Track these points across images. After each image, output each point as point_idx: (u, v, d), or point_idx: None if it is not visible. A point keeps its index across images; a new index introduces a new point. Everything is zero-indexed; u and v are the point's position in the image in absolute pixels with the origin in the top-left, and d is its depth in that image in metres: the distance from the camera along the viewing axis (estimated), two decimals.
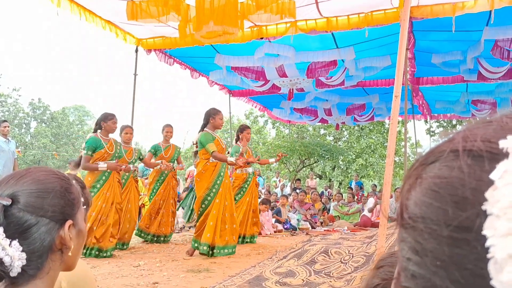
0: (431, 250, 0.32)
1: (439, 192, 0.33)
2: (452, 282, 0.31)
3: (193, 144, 5.86)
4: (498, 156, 0.32)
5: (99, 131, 5.41)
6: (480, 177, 0.31)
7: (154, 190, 6.61)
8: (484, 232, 0.30)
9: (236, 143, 6.74)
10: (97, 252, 5.14)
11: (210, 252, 5.24)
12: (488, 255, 0.29)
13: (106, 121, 5.39)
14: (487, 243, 0.29)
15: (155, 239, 6.54)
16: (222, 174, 5.41)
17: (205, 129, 5.51)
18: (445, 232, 0.32)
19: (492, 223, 0.29)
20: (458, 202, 0.32)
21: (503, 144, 0.32)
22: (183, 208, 7.17)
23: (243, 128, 6.59)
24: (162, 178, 6.62)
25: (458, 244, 0.31)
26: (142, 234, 6.57)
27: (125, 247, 5.95)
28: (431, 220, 0.33)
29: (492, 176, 0.31)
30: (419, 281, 0.34)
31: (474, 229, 0.30)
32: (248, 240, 6.70)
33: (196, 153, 5.72)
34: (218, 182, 5.36)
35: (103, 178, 5.25)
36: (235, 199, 6.56)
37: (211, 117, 5.50)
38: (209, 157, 5.34)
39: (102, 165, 5.22)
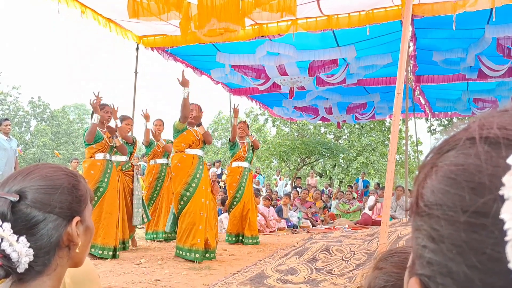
0: (448, 237, 0.33)
1: (455, 179, 0.33)
2: (469, 267, 0.31)
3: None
4: None
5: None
6: (497, 163, 0.32)
7: (157, 189, 6.57)
8: (501, 216, 0.30)
9: None
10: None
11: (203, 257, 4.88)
12: (506, 238, 0.30)
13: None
14: (505, 227, 0.30)
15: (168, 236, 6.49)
16: (201, 167, 4.99)
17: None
18: (462, 218, 0.32)
19: (510, 207, 0.30)
20: (475, 188, 0.32)
21: None
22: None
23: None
24: (162, 175, 6.56)
25: (475, 229, 0.31)
26: (156, 235, 6.50)
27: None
28: (447, 206, 0.33)
29: (509, 161, 0.31)
30: (435, 268, 0.34)
31: (491, 214, 0.31)
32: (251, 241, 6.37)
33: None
34: (198, 176, 4.91)
35: (108, 171, 5.13)
36: (235, 196, 6.46)
37: None
38: (184, 149, 5.00)
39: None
